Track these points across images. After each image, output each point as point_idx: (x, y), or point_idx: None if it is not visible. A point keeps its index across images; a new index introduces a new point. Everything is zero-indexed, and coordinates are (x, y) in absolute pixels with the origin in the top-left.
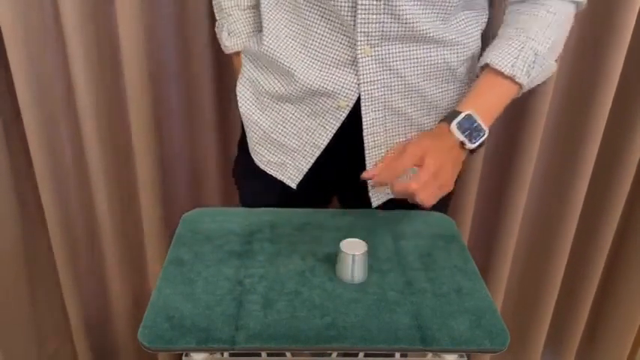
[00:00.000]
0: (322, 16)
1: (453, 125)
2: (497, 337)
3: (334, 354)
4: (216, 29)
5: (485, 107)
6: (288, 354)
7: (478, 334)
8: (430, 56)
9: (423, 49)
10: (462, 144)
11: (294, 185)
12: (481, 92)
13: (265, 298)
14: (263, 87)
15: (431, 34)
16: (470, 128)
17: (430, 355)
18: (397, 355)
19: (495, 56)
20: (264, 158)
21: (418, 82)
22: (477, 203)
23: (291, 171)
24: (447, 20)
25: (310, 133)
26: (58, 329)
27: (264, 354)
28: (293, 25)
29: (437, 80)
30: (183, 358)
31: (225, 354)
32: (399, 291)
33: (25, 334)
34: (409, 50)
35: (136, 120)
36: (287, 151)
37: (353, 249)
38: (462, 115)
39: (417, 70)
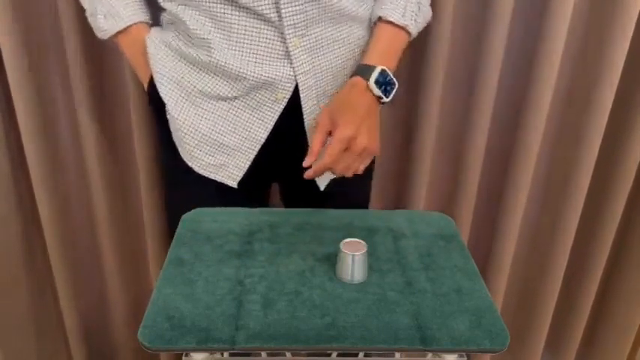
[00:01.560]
0: (244, 15)
1: (371, 82)
2: (497, 337)
3: (334, 354)
4: (88, 16)
5: (390, 60)
6: (288, 354)
7: (478, 334)
8: (351, 35)
9: (345, 29)
10: (379, 99)
11: (234, 184)
12: (382, 45)
13: (265, 298)
14: (196, 87)
15: (350, 13)
16: (384, 82)
17: (430, 355)
18: (397, 355)
19: (387, 10)
20: (203, 162)
21: (344, 63)
22: (477, 203)
23: (231, 170)
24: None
25: (249, 129)
26: (56, 330)
27: (264, 354)
28: (218, 31)
29: (357, 57)
30: (184, 358)
31: (225, 354)
32: (399, 291)
33: (25, 334)
34: (333, 33)
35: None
36: (227, 150)
37: (353, 249)
38: (378, 70)
39: (342, 51)
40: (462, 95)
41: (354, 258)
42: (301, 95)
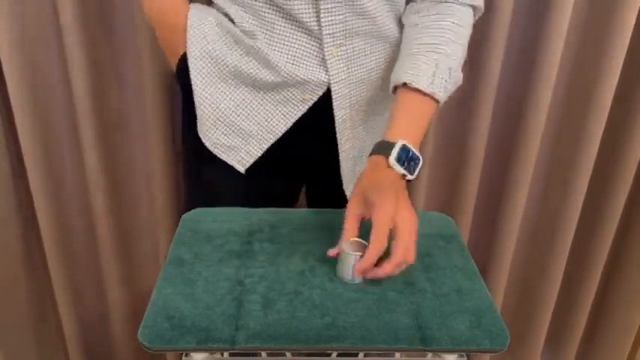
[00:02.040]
0: (287, 21)
1: (392, 160)
2: (497, 337)
3: (334, 354)
4: None
5: (413, 132)
6: (288, 354)
7: (478, 334)
8: (385, 49)
9: (380, 44)
10: (403, 176)
11: (242, 169)
12: (406, 116)
13: (265, 298)
14: (233, 66)
15: (387, 25)
16: (407, 159)
17: (430, 355)
18: (397, 355)
19: (412, 75)
20: (216, 140)
21: (378, 74)
22: (477, 203)
23: (242, 154)
24: (396, 13)
25: (269, 120)
26: (56, 330)
27: (264, 354)
28: (261, 30)
29: (390, 69)
30: (183, 358)
31: (225, 354)
32: (399, 291)
33: (25, 335)
34: (370, 46)
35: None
36: (242, 134)
37: (354, 249)
38: (399, 146)
39: (377, 63)
40: (462, 95)
41: (355, 258)
42: (334, 104)
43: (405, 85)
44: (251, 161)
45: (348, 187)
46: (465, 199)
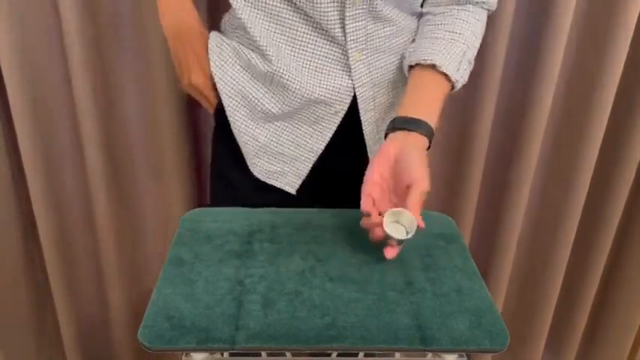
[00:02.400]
0: (310, 27)
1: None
2: (498, 337)
3: (334, 354)
4: None
5: (436, 113)
6: (288, 354)
7: (478, 334)
8: (402, 44)
9: (396, 40)
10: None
11: (293, 191)
12: (434, 97)
13: (265, 298)
14: (258, 105)
15: (405, 26)
16: (431, 135)
17: (430, 355)
18: (397, 355)
19: (443, 58)
20: (264, 169)
21: (396, 72)
22: (478, 203)
23: (290, 177)
24: (413, 12)
25: (307, 139)
26: (55, 331)
27: (264, 354)
28: (282, 37)
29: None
30: (184, 358)
31: (225, 354)
32: (399, 291)
33: (25, 336)
34: (387, 44)
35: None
36: (286, 159)
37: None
38: (427, 125)
39: (394, 60)
40: (463, 95)
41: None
42: (360, 107)
43: (433, 66)
44: (299, 182)
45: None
46: (466, 199)
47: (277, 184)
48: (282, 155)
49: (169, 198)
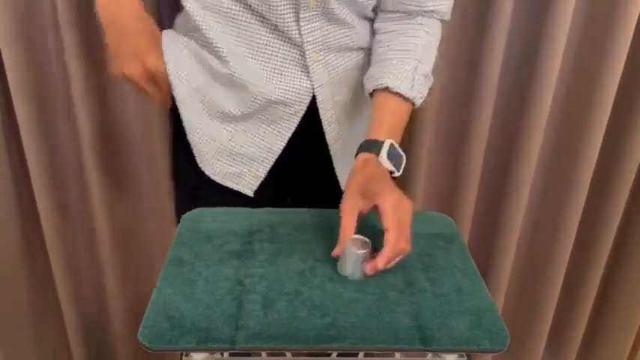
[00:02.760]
0: (267, 29)
1: (383, 157)
2: (498, 337)
3: (334, 354)
4: None
5: (396, 133)
6: (288, 354)
7: (478, 334)
8: (359, 53)
9: (356, 44)
10: (391, 173)
11: (251, 193)
12: (389, 118)
13: (265, 298)
14: (217, 105)
15: (359, 30)
16: (394, 156)
17: (430, 355)
18: (397, 355)
19: (394, 80)
20: (222, 171)
21: (352, 70)
22: (478, 203)
23: (248, 179)
24: (365, 19)
25: (266, 140)
26: (56, 330)
27: (264, 354)
28: (239, 40)
29: (363, 64)
30: (184, 358)
31: (225, 354)
32: (399, 291)
33: (26, 334)
34: (343, 43)
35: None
36: (245, 160)
37: (357, 245)
38: (387, 144)
39: (350, 59)
40: (462, 95)
41: (357, 256)
42: (319, 106)
43: (386, 89)
44: (257, 183)
45: (343, 182)
46: (465, 199)
47: (233, 187)
48: (241, 156)
49: (169, 197)
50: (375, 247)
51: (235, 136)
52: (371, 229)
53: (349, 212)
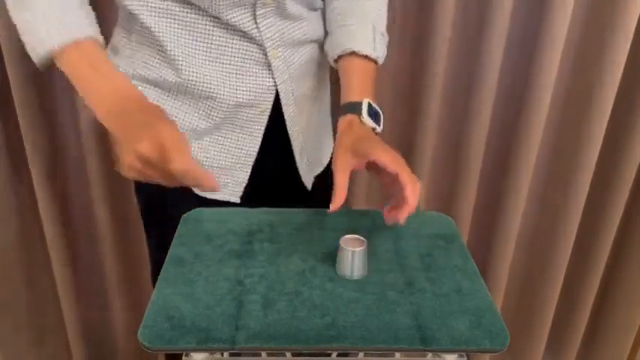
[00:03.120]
0: (224, 30)
1: (365, 116)
2: (498, 337)
3: (334, 354)
4: (22, 36)
5: (370, 92)
6: (288, 354)
7: (478, 334)
8: (310, 34)
9: (310, 38)
10: (373, 129)
11: (237, 200)
12: (361, 80)
13: (265, 298)
14: (183, 124)
15: (312, 25)
16: (373, 114)
17: (430, 355)
18: (397, 355)
19: (359, 44)
20: None
21: (309, 62)
22: (477, 203)
23: (232, 187)
24: (314, 8)
25: (240, 146)
26: (56, 331)
27: (264, 354)
28: (199, 44)
29: (318, 56)
30: (184, 358)
31: (226, 354)
32: (399, 291)
33: (25, 335)
34: (298, 37)
35: None
36: (225, 171)
37: (353, 245)
38: (366, 104)
39: (307, 51)
40: (461, 95)
41: (353, 254)
42: (282, 103)
43: (352, 53)
44: (242, 189)
45: (305, 179)
46: (465, 199)
47: (220, 198)
48: (220, 169)
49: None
50: (371, 250)
51: (209, 150)
52: (367, 230)
53: (342, 170)
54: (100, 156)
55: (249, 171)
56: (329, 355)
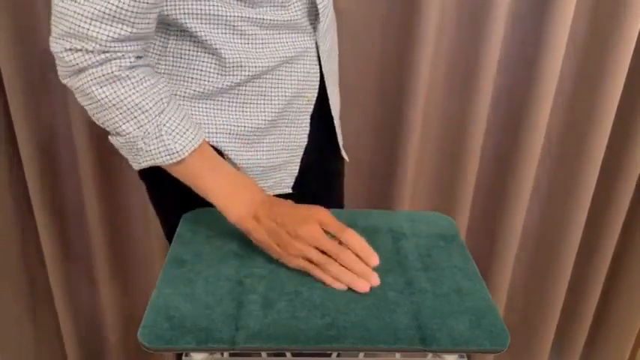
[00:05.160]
0: (279, 31)
1: None
2: (498, 337)
3: (334, 354)
4: (137, 141)
5: None
6: (288, 354)
7: (478, 335)
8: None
9: (333, 24)
10: None
11: (289, 190)
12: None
13: (265, 298)
14: (246, 124)
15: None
16: None
17: (430, 355)
18: (397, 355)
19: None
20: (265, 186)
21: (330, 33)
22: (477, 203)
23: (287, 181)
24: None
25: (292, 139)
26: (54, 333)
27: (264, 354)
28: (247, 45)
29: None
30: (184, 358)
31: (225, 354)
32: (399, 291)
33: (24, 337)
34: (331, 27)
35: None
36: (282, 168)
37: None
38: None
39: (334, 38)
40: (461, 95)
41: None
42: (327, 83)
43: None
44: (293, 180)
45: (343, 151)
46: (465, 199)
47: (277, 192)
48: (279, 166)
49: None
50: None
51: (268, 152)
52: (367, 230)
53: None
54: (95, 157)
55: (299, 162)
56: (329, 355)
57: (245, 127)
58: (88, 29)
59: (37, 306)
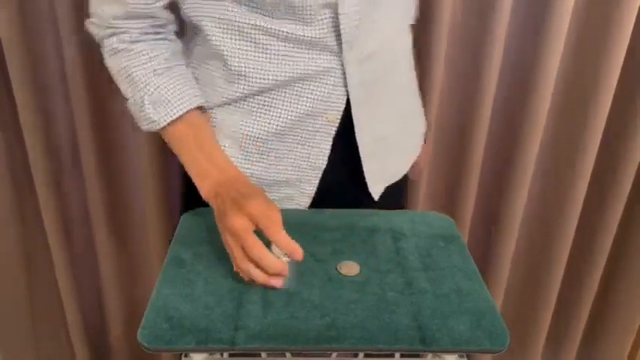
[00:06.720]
0: (300, 46)
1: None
2: (498, 337)
3: (334, 354)
4: (131, 107)
5: None
6: (287, 354)
7: (478, 335)
8: (394, 43)
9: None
10: None
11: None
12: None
13: (265, 299)
14: (247, 132)
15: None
16: None
17: (430, 355)
18: (397, 355)
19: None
20: (273, 198)
21: (393, 73)
22: (477, 203)
23: (298, 199)
24: None
25: (307, 159)
26: (56, 331)
27: (264, 354)
28: (259, 54)
29: (406, 68)
30: (183, 358)
31: (225, 354)
32: (399, 291)
33: (25, 335)
34: (375, 45)
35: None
36: (290, 185)
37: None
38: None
39: (387, 58)
40: (461, 95)
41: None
42: (353, 108)
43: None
44: (309, 201)
45: (372, 188)
46: (465, 199)
47: (290, 207)
48: (285, 182)
49: (170, 196)
50: (371, 249)
51: (272, 165)
52: (366, 230)
53: None
54: (99, 155)
55: (317, 184)
56: (329, 355)
57: (243, 134)
58: (97, 8)
59: (39, 305)
